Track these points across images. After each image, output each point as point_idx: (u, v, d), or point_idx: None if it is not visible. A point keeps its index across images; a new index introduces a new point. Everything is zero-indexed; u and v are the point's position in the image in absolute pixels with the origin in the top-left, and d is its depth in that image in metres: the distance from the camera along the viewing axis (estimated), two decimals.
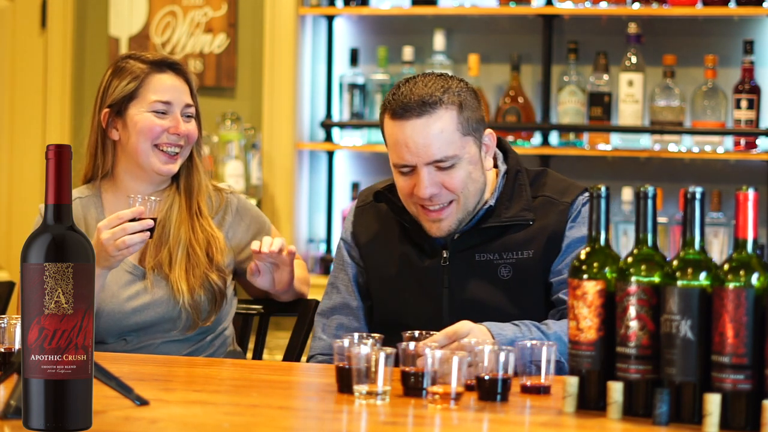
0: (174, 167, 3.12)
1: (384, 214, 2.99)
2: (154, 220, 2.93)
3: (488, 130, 2.90)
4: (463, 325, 2.58)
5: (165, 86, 3.13)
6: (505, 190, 2.91)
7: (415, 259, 2.92)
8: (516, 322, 2.73)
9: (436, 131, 2.79)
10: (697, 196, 2.12)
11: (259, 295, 3.26)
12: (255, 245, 3.00)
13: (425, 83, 2.83)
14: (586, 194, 2.91)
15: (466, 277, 2.87)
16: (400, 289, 2.93)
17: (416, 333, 2.52)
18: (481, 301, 2.86)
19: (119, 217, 2.90)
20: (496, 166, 2.96)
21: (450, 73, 2.94)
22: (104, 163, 3.16)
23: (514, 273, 2.86)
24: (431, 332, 2.52)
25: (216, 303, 3.11)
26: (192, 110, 3.16)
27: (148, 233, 2.92)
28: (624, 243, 4.61)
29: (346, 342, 2.39)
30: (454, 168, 2.81)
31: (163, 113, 3.11)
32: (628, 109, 4.68)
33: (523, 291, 2.85)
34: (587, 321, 2.19)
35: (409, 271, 2.91)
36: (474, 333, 2.58)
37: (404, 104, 2.80)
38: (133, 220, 2.91)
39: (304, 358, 3.32)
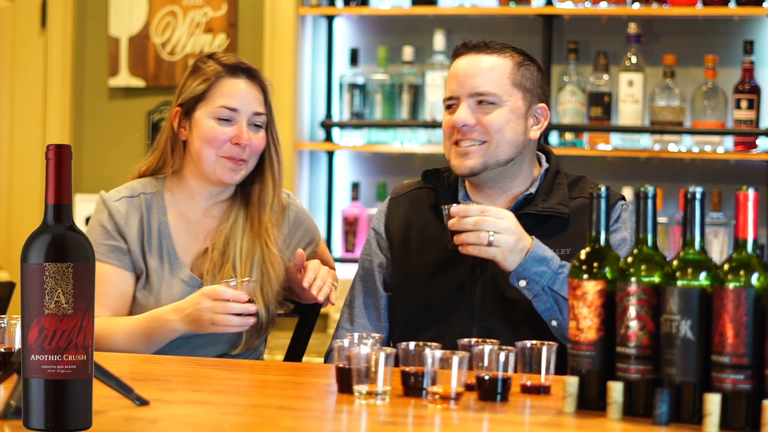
0: (238, 177, 3.04)
1: (420, 203, 3.04)
2: (251, 301, 2.86)
3: (543, 105, 2.99)
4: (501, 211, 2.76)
5: (234, 91, 3.05)
6: (544, 184, 2.99)
7: (451, 247, 2.92)
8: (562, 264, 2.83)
9: (486, 67, 2.93)
10: (697, 196, 2.12)
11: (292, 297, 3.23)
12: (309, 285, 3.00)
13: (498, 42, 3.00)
14: (623, 202, 3.01)
15: (500, 268, 2.88)
16: (432, 276, 2.96)
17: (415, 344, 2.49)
18: (513, 294, 2.88)
19: (219, 294, 2.82)
20: (540, 164, 3.05)
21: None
22: (174, 162, 3.09)
23: None
24: (429, 344, 2.50)
25: (263, 329, 3.05)
26: (262, 119, 3.07)
27: (253, 319, 2.86)
28: None
29: (346, 342, 2.39)
30: (494, 109, 2.91)
31: (227, 120, 3.03)
32: (628, 109, 4.68)
33: None
34: (587, 321, 2.19)
35: (442, 258, 2.94)
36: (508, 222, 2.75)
37: (469, 43, 2.96)
38: None
39: (304, 358, 3.33)
